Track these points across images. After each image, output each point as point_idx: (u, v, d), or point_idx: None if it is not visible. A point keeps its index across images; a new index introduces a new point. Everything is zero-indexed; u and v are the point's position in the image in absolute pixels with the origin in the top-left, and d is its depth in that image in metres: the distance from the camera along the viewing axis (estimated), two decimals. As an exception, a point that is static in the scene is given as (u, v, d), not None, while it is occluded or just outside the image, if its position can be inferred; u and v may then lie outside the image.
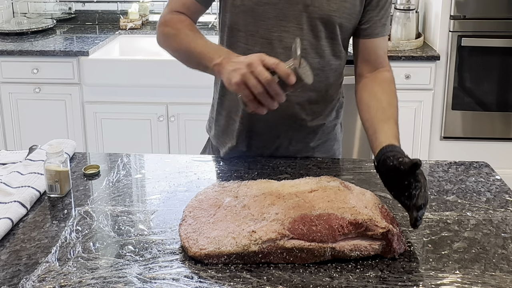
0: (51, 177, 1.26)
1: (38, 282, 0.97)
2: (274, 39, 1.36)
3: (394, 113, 1.39)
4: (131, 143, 3.07)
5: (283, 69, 1.11)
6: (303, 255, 1.02)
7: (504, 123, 3.10)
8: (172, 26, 1.39)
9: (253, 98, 1.12)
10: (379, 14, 1.41)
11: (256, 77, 1.10)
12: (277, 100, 1.12)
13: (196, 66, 1.33)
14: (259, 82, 1.10)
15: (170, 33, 1.39)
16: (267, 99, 1.11)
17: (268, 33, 1.36)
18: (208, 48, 1.28)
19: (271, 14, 1.35)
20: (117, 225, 1.16)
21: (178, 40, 1.36)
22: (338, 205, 1.08)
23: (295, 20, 1.35)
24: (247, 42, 1.38)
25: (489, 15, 2.96)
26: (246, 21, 1.37)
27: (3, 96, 3.06)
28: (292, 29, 1.36)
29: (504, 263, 1.04)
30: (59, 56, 2.96)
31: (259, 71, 1.10)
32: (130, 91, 3.02)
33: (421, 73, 2.98)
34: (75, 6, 3.62)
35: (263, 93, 1.10)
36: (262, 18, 1.35)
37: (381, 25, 1.43)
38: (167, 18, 1.41)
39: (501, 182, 1.36)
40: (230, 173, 1.40)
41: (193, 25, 1.40)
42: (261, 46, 1.36)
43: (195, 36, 1.34)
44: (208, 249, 1.02)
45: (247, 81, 1.11)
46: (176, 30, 1.37)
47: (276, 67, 1.11)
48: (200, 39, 1.33)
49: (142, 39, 3.40)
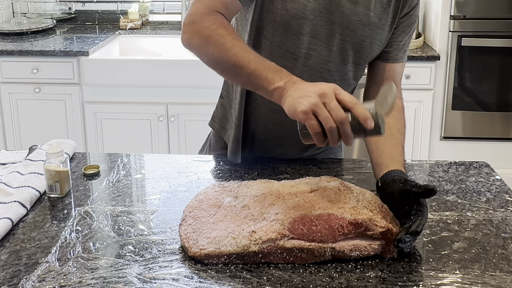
0: (51, 177, 1.26)
1: (38, 282, 0.97)
2: (300, 56, 1.29)
3: (402, 140, 1.31)
4: (131, 143, 3.07)
5: (362, 110, 0.99)
6: (303, 255, 1.02)
7: (504, 123, 3.10)
8: (215, 31, 1.18)
9: (320, 132, 1.01)
10: (403, 40, 1.38)
11: (329, 111, 1.00)
12: (344, 141, 1.02)
13: (245, 83, 1.19)
14: (332, 117, 0.99)
15: (212, 37, 1.18)
16: (335, 137, 1.01)
17: (296, 48, 1.28)
18: (265, 67, 1.12)
19: (304, 29, 1.27)
20: (117, 225, 1.16)
21: (225, 49, 1.16)
22: (338, 205, 1.08)
23: (326, 40, 1.28)
24: (271, 53, 1.29)
25: (489, 15, 2.96)
26: (275, 30, 1.28)
27: (3, 96, 3.06)
28: (321, 48, 1.29)
29: (504, 263, 1.04)
30: (59, 56, 2.96)
31: (333, 105, 0.99)
32: (130, 91, 3.02)
33: (421, 73, 2.98)
34: (75, 6, 3.62)
35: (334, 130, 0.99)
36: (293, 32, 1.27)
37: (403, 51, 1.40)
38: (205, 17, 1.20)
39: (501, 182, 1.36)
40: (230, 173, 1.40)
41: (237, 34, 1.21)
42: (285, 59, 1.28)
43: (246, 49, 1.16)
44: (208, 249, 1.02)
45: (319, 113, 1.00)
46: (221, 37, 1.17)
47: (353, 107, 1.00)
48: (253, 54, 1.15)
49: (142, 39, 3.40)
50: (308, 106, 1.01)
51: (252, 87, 1.16)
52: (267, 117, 1.40)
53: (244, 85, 1.22)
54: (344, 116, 0.99)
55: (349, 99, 1.01)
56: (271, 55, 1.29)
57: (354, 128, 1.00)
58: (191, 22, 1.21)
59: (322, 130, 1.01)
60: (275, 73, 1.11)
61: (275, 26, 1.28)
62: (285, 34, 1.28)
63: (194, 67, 2.86)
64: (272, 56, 1.28)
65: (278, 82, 1.09)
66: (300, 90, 1.05)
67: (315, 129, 1.01)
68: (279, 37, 1.29)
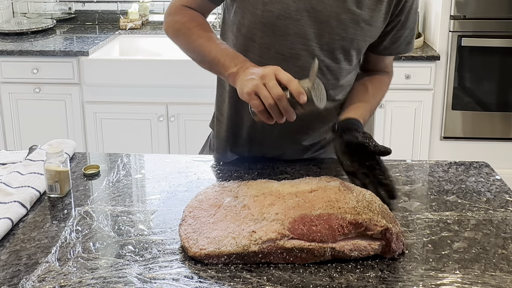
0: (51, 177, 1.26)
1: (38, 282, 0.97)
2: (290, 57, 1.31)
3: (373, 103, 1.42)
4: (131, 143, 3.07)
5: (296, 86, 1.10)
6: (303, 255, 1.02)
7: (504, 123, 3.10)
8: (184, 24, 1.34)
9: (263, 109, 1.11)
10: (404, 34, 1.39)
11: (268, 90, 1.10)
12: (286, 116, 1.12)
13: (209, 69, 1.31)
14: (270, 95, 1.10)
15: (181, 30, 1.34)
16: (276, 113, 1.11)
17: (285, 49, 1.30)
18: (223, 54, 1.24)
19: (291, 30, 1.28)
20: (117, 225, 1.16)
21: (191, 40, 1.32)
22: (338, 205, 1.08)
23: (315, 39, 1.29)
24: (261, 55, 1.32)
25: (489, 15, 2.96)
26: (264, 33, 1.30)
27: (3, 96, 3.06)
28: (311, 48, 1.30)
29: (504, 263, 1.04)
30: (59, 56, 2.97)
31: (272, 84, 1.10)
32: (130, 91, 3.02)
33: (421, 73, 2.98)
34: (75, 6, 3.62)
35: (273, 106, 1.10)
36: (281, 33, 1.29)
37: (406, 43, 1.42)
38: (178, 11, 1.36)
39: (501, 182, 1.37)
40: (230, 173, 1.40)
41: (206, 24, 1.34)
42: (275, 61, 1.28)
43: (209, 39, 1.29)
44: (208, 249, 1.02)
45: (259, 92, 1.10)
46: (187, 29, 1.33)
47: (289, 84, 1.10)
48: (214, 43, 1.28)
49: (142, 39, 3.40)
50: (250, 88, 1.12)
51: (215, 73, 1.31)
52: None
53: (209, 71, 1.32)
54: (281, 93, 1.09)
55: (286, 78, 1.11)
56: (262, 58, 1.31)
57: (292, 103, 1.11)
58: (168, 14, 1.38)
59: (265, 108, 1.11)
60: (231, 60, 1.22)
61: (262, 28, 1.30)
62: (273, 36, 1.30)
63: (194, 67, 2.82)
64: (263, 59, 1.30)
65: (233, 68, 1.21)
66: (247, 74, 1.16)
67: (258, 107, 1.11)
68: (267, 39, 1.31)
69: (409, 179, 1.37)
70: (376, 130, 3.08)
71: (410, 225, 1.16)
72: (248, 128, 1.43)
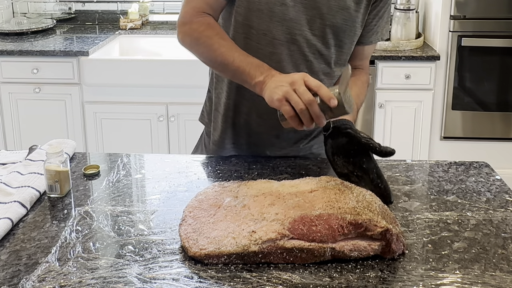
0: (51, 177, 1.26)
1: (38, 282, 0.97)
2: (286, 41, 1.37)
3: (359, 103, 1.44)
4: (131, 143, 3.07)
5: (326, 91, 1.13)
6: (303, 255, 1.02)
7: (504, 123, 3.10)
8: (202, 32, 1.34)
9: (294, 115, 1.15)
10: (377, 23, 1.45)
11: (299, 96, 1.13)
12: (316, 121, 1.15)
13: (231, 78, 1.35)
14: (301, 100, 1.13)
15: (200, 39, 1.34)
16: (307, 118, 1.14)
17: (281, 34, 1.36)
18: (247, 63, 1.28)
19: (287, 16, 1.35)
20: (117, 225, 1.16)
21: (212, 49, 1.33)
22: (338, 205, 1.08)
23: (308, 25, 1.36)
24: (258, 41, 1.38)
25: (489, 15, 2.96)
26: (261, 19, 1.36)
27: (3, 96, 3.06)
28: (305, 33, 1.37)
29: (504, 263, 1.04)
30: (59, 56, 2.97)
31: (302, 90, 1.13)
32: (130, 91, 3.02)
33: (421, 73, 2.98)
34: (75, 6, 3.62)
35: (304, 111, 1.13)
36: (277, 19, 1.35)
37: (375, 32, 1.47)
38: (193, 20, 1.36)
39: (501, 182, 1.37)
40: (230, 173, 1.40)
41: (223, 32, 1.36)
42: (274, 46, 1.37)
43: (231, 48, 1.31)
44: (208, 249, 1.02)
45: (290, 98, 1.14)
46: (207, 38, 1.33)
47: (319, 89, 1.14)
48: (237, 52, 1.30)
49: (142, 39, 3.40)
50: (281, 94, 1.15)
51: (238, 82, 1.32)
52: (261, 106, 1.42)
53: (233, 79, 1.36)
54: (312, 98, 1.13)
55: (315, 84, 1.15)
56: (259, 43, 1.38)
57: (322, 108, 1.14)
58: (183, 24, 1.38)
59: (296, 114, 1.15)
60: (257, 69, 1.26)
61: (260, 15, 1.35)
62: (270, 22, 1.36)
63: (194, 67, 2.86)
64: (260, 44, 1.37)
65: (259, 76, 1.24)
66: (275, 81, 1.19)
67: (289, 113, 1.15)
68: (264, 25, 1.36)
69: (409, 179, 1.37)
70: (376, 130, 3.08)
71: (410, 225, 1.16)
72: (245, 115, 1.47)
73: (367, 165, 1.24)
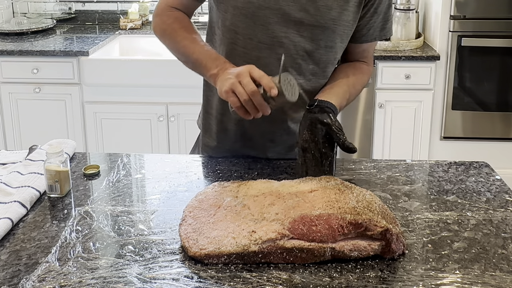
0: (51, 177, 1.26)
1: (38, 282, 0.97)
2: (273, 44, 1.36)
3: (353, 92, 1.45)
4: (131, 143, 3.07)
5: (266, 81, 1.18)
6: (303, 255, 1.02)
7: (504, 123, 3.10)
8: (169, 25, 1.42)
9: (240, 105, 1.20)
10: (372, 19, 1.42)
11: (243, 87, 1.18)
12: (260, 110, 1.20)
13: (193, 70, 1.39)
14: (245, 91, 1.18)
15: (166, 31, 1.42)
16: (252, 108, 1.19)
17: (267, 38, 1.35)
18: (206, 56, 1.33)
19: (271, 19, 1.33)
20: (117, 225, 1.16)
21: (176, 41, 1.40)
22: (338, 205, 1.08)
23: (295, 27, 1.34)
24: (245, 46, 1.37)
25: (489, 15, 2.96)
26: (246, 24, 1.35)
27: (3, 96, 3.06)
28: (292, 35, 1.35)
29: (504, 263, 1.04)
30: (59, 56, 2.97)
31: (246, 81, 1.18)
32: (130, 91, 3.02)
33: (421, 73, 2.98)
34: (75, 6, 3.62)
35: (248, 101, 1.18)
36: (262, 22, 1.34)
37: (379, 29, 1.45)
38: (164, 12, 1.44)
39: (501, 182, 1.37)
40: (230, 173, 1.40)
41: (190, 26, 1.42)
42: (259, 50, 1.36)
43: (193, 41, 1.38)
44: (208, 249, 1.02)
45: (235, 89, 1.19)
46: (173, 30, 1.41)
47: (261, 79, 1.18)
48: (198, 45, 1.37)
49: (142, 39, 3.40)
50: (228, 86, 1.20)
51: (198, 73, 1.37)
52: None
53: (194, 71, 1.39)
54: (255, 89, 1.17)
55: (258, 75, 1.19)
56: (245, 48, 1.38)
57: (265, 98, 1.18)
58: (155, 15, 1.46)
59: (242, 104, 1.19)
60: (213, 62, 1.31)
61: (244, 20, 1.36)
62: (254, 26, 1.36)
63: (194, 67, 2.86)
64: (247, 49, 1.38)
65: (214, 69, 1.29)
66: (226, 73, 1.24)
67: (235, 103, 1.20)
68: (249, 29, 1.36)
69: (409, 179, 1.37)
70: (376, 130, 3.08)
71: (410, 225, 1.16)
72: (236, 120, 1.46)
73: (326, 151, 1.28)
